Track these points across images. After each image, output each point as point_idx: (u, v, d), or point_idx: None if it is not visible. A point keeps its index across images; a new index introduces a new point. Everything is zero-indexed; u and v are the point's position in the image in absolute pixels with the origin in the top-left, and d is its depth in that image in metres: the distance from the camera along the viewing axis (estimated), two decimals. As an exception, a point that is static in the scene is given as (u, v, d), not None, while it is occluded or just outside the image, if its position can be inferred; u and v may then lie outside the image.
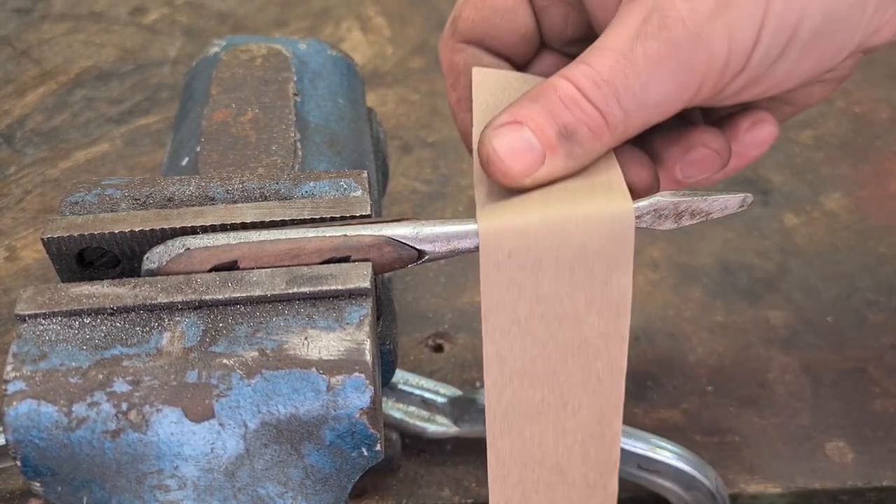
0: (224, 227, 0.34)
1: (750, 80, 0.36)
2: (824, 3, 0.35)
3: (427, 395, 0.49)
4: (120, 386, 0.30)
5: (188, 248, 0.33)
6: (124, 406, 0.30)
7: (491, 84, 0.39)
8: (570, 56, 0.38)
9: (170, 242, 0.33)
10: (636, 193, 0.39)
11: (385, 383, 0.45)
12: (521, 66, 0.42)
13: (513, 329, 0.34)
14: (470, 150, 0.41)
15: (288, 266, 0.33)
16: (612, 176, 0.35)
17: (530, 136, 0.34)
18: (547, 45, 0.43)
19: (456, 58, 0.42)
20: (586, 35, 0.41)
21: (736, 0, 0.33)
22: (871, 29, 0.37)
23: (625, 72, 0.33)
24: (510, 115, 0.34)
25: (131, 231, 0.33)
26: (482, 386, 0.53)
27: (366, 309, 0.32)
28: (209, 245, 0.33)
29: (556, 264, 0.33)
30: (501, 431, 0.36)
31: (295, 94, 0.43)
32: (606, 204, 0.33)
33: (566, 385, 0.36)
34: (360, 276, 0.32)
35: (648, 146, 0.41)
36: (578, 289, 0.34)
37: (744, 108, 0.42)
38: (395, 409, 0.48)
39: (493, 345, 0.34)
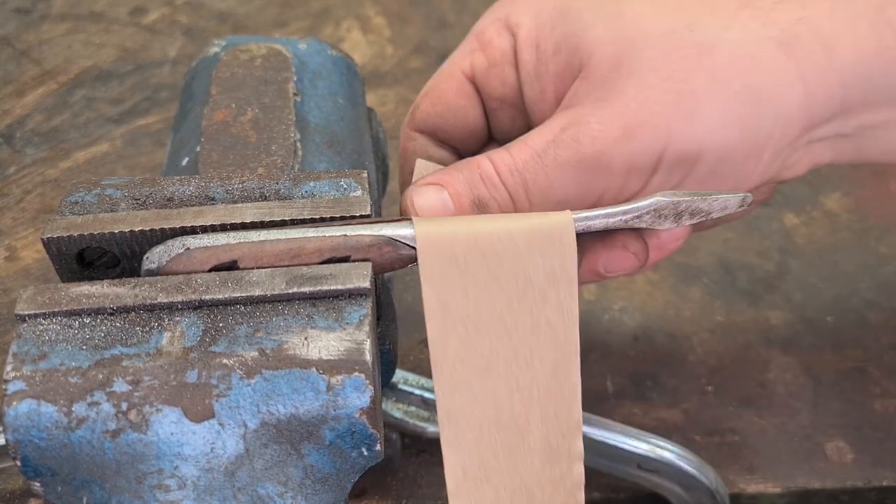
0: (224, 227, 0.34)
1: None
2: (720, 148, 0.38)
3: (427, 394, 0.49)
4: (120, 386, 0.30)
5: (188, 248, 0.33)
6: (124, 406, 0.30)
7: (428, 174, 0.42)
8: None
9: (170, 242, 0.33)
10: None
11: (385, 383, 0.45)
12: (468, 155, 0.45)
13: (451, 271, 0.33)
14: None
15: (288, 266, 0.33)
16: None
17: (447, 199, 0.38)
18: (494, 139, 0.46)
19: (409, 144, 0.45)
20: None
21: (640, 131, 0.37)
22: (772, 171, 0.40)
23: (535, 168, 0.37)
24: (435, 178, 0.39)
25: (131, 231, 0.33)
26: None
27: (366, 309, 0.32)
28: (209, 245, 0.33)
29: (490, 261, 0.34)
30: (451, 388, 0.34)
31: (295, 94, 0.43)
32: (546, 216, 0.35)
33: (514, 333, 0.34)
34: (360, 276, 0.32)
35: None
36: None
37: None
38: (395, 409, 0.48)
39: (431, 287, 0.33)
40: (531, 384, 0.35)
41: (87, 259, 0.34)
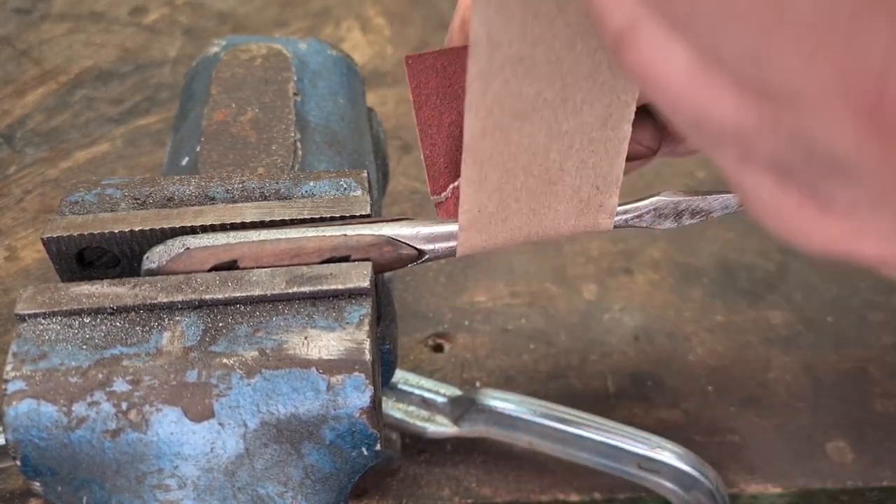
0: (224, 227, 0.34)
1: None
2: None
3: (427, 394, 0.49)
4: (120, 385, 0.30)
5: (188, 248, 0.33)
6: (124, 405, 0.30)
7: None
8: None
9: (170, 242, 0.33)
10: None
11: (385, 383, 0.45)
12: None
13: (511, 2, 0.27)
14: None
15: (288, 266, 0.33)
16: None
17: None
18: None
19: None
20: None
21: None
22: None
23: None
24: None
25: (131, 231, 0.33)
26: (482, 386, 0.53)
27: (366, 308, 0.32)
28: (209, 244, 0.33)
29: None
30: (484, 130, 0.30)
31: (295, 94, 0.43)
32: None
33: (569, 76, 0.30)
34: (360, 276, 0.32)
35: None
36: None
37: None
38: (395, 409, 0.48)
39: (482, 26, 0.27)
40: (576, 132, 0.32)
41: (87, 259, 0.34)
